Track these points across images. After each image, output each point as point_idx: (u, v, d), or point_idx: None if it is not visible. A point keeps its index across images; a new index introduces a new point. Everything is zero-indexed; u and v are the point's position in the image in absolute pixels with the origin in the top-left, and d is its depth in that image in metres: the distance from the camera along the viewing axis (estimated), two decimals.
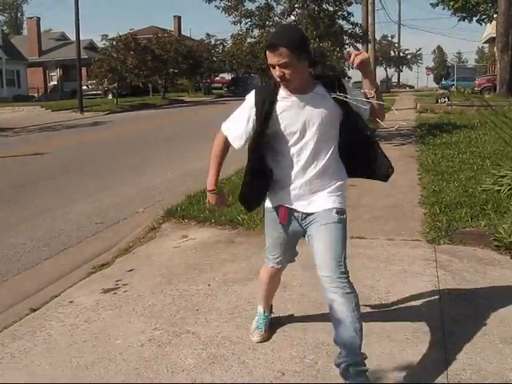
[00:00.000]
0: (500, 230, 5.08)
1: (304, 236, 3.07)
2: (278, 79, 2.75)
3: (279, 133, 2.85)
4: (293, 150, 2.87)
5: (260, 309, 3.56)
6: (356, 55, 2.74)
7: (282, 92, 2.85)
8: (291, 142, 2.86)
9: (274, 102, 2.84)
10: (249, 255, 5.07)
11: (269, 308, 3.58)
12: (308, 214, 2.94)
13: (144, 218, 6.78)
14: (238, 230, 5.88)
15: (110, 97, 40.08)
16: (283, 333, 3.51)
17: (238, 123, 2.96)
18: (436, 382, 2.92)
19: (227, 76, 60.38)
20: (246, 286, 4.32)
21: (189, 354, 3.28)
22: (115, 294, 4.34)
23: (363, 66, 2.77)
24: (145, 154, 12.81)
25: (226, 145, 3.04)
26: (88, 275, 4.87)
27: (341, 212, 2.89)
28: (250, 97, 2.94)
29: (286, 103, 2.83)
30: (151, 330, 3.63)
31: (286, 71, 2.70)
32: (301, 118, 2.82)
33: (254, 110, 2.88)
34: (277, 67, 2.71)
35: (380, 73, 77.17)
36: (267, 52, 2.73)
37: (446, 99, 19.84)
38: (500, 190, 6.56)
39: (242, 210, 6.25)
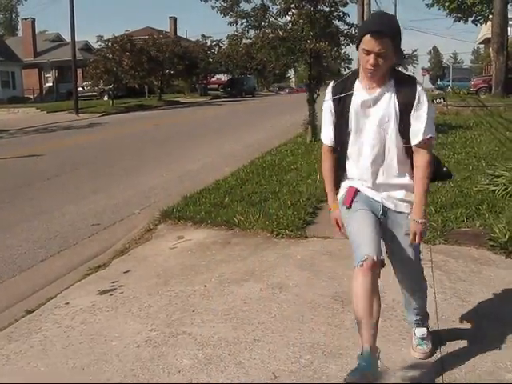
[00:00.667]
0: (495, 229, 5.09)
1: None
2: (370, 67, 2.67)
3: (354, 126, 2.83)
4: (365, 144, 2.84)
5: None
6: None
7: (359, 84, 2.82)
8: (363, 136, 2.83)
9: (350, 94, 2.81)
10: (245, 256, 5.07)
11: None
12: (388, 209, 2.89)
13: (140, 220, 6.78)
14: (234, 230, 5.87)
15: (105, 98, 40.02)
16: (279, 333, 3.51)
17: (326, 124, 2.95)
18: (431, 381, 2.93)
19: (223, 77, 60.40)
20: (242, 286, 4.32)
21: (185, 355, 3.29)
22: (111, 295, 4.34)
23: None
24: (141, 156, 12.80)
25: (330, 153, 2.99)
26: (84, 277, 4.87)
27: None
28: (327, 91, 2.93)
29: (362, 95, 2.80)
30: (147, 331, 3.63)
31: (381, 60, 2.65)
32: (376, 112, 2.79)
33: (332, 103, 2.88)
34: (373, 55, 2.63)
35: None
36: (367, 37, 2.63)
37: (442, 100, 19.85)
38: (495, 190, 6.56)
39: (238, 211, 6.28)
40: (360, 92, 2.81)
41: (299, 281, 4.34)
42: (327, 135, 2.96)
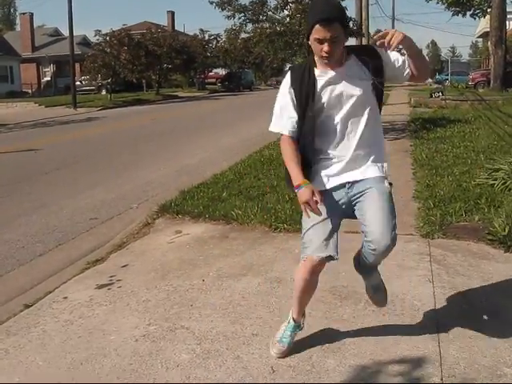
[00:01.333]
0: (494, 224, 5.09)
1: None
2: (325, 55, 2.68)
3: (321, 110, 2.83)
4: (334, 124, 2.87)
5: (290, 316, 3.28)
6: (393, 35, 2.62)
7: (318, 70, 2.83)
8: (332, 116, 2.85)
9: (313, 81, 2.81)
10: (243, 250, 5.07)
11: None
12: (356, 182, 2.91)
13: (138, 214, 6.77)
14: (231, 225, 5.86)
15: (103, 92, 39.96)
16: (277, 327, 3.49)
17: (285, 114, 2.91)
18: (430, 376, 2.93)
19: (221, 71, 60.30)
20: (239, 281, 4.32)
21: (183, 350, 3.28)
22: (109, 289, 4.33)
23: (405, 45, 2.71)
24: (138, 150, 12.78)
25: (292, 142, 2.91)
26: (82, 271, 4.85)
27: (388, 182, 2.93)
28: (286, 80, 2.91)
29: (324, 79, 2.81)
30: (145, 326, 3.63)
31: (335, 46, 2.66)
32: (340, 92, 2.81)
33: (293, 91, 2.86)
34: (326, 42, 2.64)
35: None
36: (318, 27, 2.63)
37: (440, 93, 19.86)
38: (494, 184, 6.56)
39: (236, 205, 6.27)
40: (322, 76, 2.82)
41: None
42: (286, 125, 2.90)
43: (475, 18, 34.94)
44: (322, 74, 2.82)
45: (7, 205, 7.74)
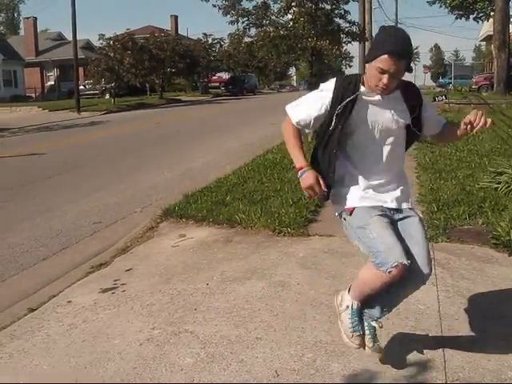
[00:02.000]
0: (498, 227, 5.09)
1: None
2: (383, 87, 2.68)
3: (354, 126, 2.80)
4: (369, 149, 2.84)
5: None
6: (480, 119, 2.66)
7: (364, 88, 2.79)
8: (368, 140, 2.82)
9: (356, 96, 2.76)
10: (247, 254, 5.07)
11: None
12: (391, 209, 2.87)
13: (142, 218, 6.78)
14: (235, 228, 5.87)
15: (107, 96, 40.00)
16: (281, 332, 3.51)
17: (309, 108, 2.84)
18: (435, 379, 2.93)
19: (224, 75, 60.39)
20: (243, 284, 4.32)
21: (187, 354, 3.29)
22: (113, 293, 4.34)
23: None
24: (142, 154, 12.80)
25: (295, 130, 2.89)
26: (86, 275, 4.87)
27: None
28: (329, 83, 2.85)
29: (367, 99, 2.78)
30: (150, 330, 3.64)
31: (394, 81, 2.67)
32: (377, 117, 2.79)
33: (330, 98, 2.79)
34: (387, 74, 2.63)
35: None
36: (385, 57, 2.61)
37: (443, 97, 19.82)
38: (498, 187, 6.56)
39: (240, 209, 6.28)
40: (366, 96, 2.78)
41: (301, 279, 4.34)
42: (301, 116, 2.84)
43: (478, 22, 35.03)
44: (367, 94, 2.78)
45: (11, 209, 7.76)
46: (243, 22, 12.62)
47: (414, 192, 7.01)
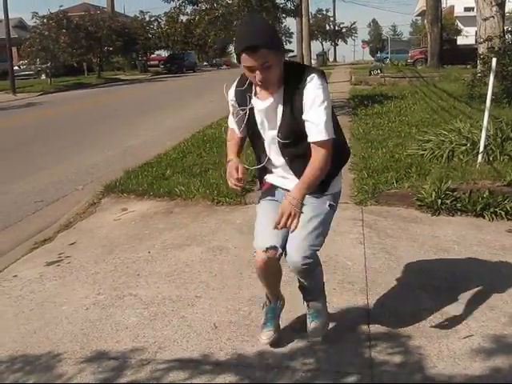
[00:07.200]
0: (422, 190, 5.45)
1: None
2: (259, 82, 2.52)
3: (255, 129, 2.78)
4: (267, 146, 2.81)
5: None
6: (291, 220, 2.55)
7: (256, 90, 2.70)
8: (264, 138, 2.79)
9: (250, 98, 2.70)
10: (187, 223, 5.29)
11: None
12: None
13: (84, 195, 6.86)
14: (176, 201, 6.06)
15: (43, 77, 39.01)
16: (219, 290, 3.76)
17: (230, 117, 2.92)
18: (358, 324, 3.24)
19: (163, 53, 59.65)
20: (184, 251, 4.55)
21: (131, 314, 3.50)
22: (58, 265, 4.48)
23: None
24: (82, 134, 12.73)
25: (233, 131, 2.93)
26: (30, 251, 4.97)
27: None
28: (230, 92, 2.81)
29: (257, 105, 2.69)
30: (95, 295, 3.82)
31: (269, 73, 2.49)
32: (273, 116, 2.67)
33: (234, 103, 2.80)
34: (258, 70, 2.47)
35: (316, 47, 77.65)
36: (244, 56, 2.46)
37: (379, 71, 20.37)
38: (423, 154, 6.95)
39: (180, 182, 6.46)
40: (256, 101, 2.71)
41: (238, 243, 4.59)
42: (231, 124, 2.94)
43: None
44: (259, 94, 2.69)
45: None
46: (179, 0, 12.59)
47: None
